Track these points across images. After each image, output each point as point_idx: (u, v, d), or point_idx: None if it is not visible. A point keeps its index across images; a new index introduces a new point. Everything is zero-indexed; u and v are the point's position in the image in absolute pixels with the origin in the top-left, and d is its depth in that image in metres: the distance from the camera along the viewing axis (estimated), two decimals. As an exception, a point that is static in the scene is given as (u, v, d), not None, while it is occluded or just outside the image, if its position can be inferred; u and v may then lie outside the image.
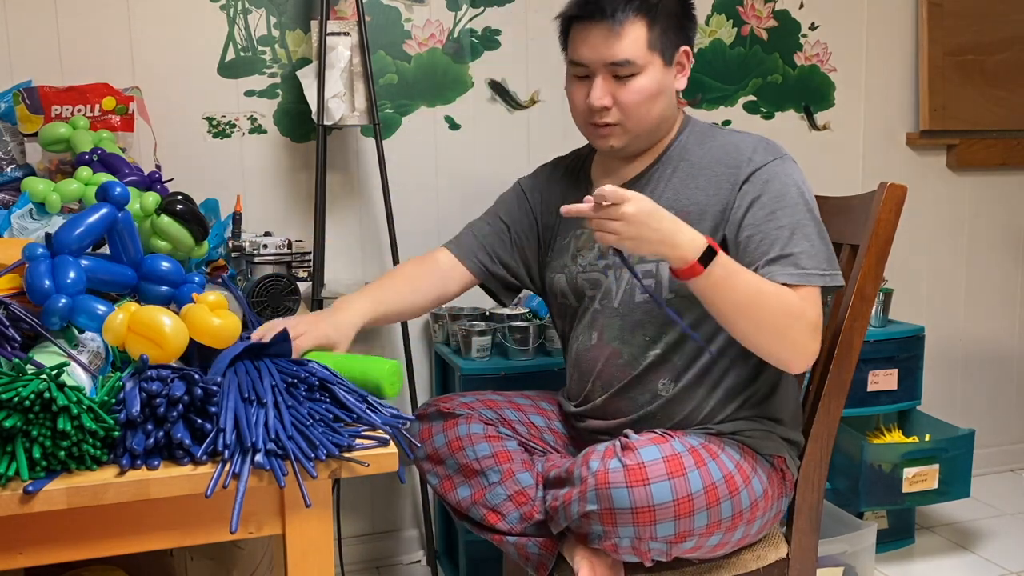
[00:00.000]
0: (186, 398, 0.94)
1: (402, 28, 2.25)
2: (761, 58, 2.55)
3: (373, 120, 2.05)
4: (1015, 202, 2.89)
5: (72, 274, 1.06)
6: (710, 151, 1.48)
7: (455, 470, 1.53)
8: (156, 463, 0.92)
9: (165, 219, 1.37)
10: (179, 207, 1.38)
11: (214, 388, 0.96)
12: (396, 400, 2.33)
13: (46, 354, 0.98)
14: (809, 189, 1.44)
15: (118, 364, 1.05)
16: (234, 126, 2.17)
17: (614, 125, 1.47)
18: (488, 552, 1.99)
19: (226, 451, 0.93)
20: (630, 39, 1.41)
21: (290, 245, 1.61)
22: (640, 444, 1.31)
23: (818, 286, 1.37)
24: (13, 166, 1.78)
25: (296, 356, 1.21)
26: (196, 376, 0.96)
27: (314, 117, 2.04)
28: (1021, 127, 2.82)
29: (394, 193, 2.13)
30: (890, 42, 2.68)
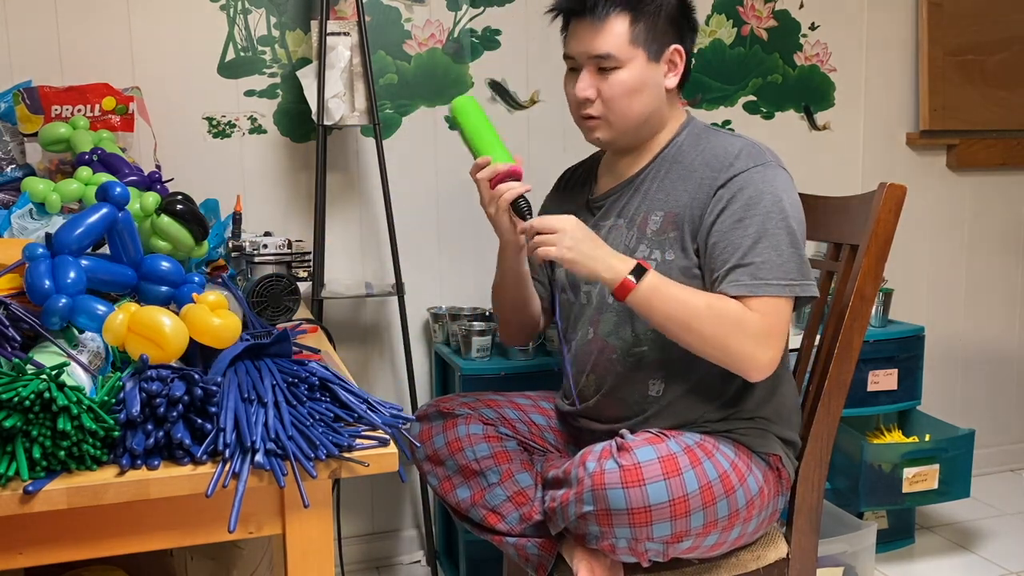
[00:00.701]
0: (186, 398, 0.94)
1: (402, 28, 2.25)
2: (761, 58, 2.55)
3: (373, 120, 2.05)
4: (1015, 202, 2.89)
5: (72, 274, 1.06)
6: (701, 154, 1.48)
7: (455, 471, 1.53)
8: (156, 463, 0.92)
9: (165, 219, 1.37)
10: (179, 207, 1.37)
11: (214, 388, 0.96)
12: (396, 400, 2.33)
13: (46, 354, 0.98)
14: (792, 197, 1.42)
15: (118, 364, 1.05)
16: (234, 126, 2.17)
17: (598, 118, 1.50)
18: (488, 552, 1.99)
19: (226, 451, 0.92)
20: (612, 33, 1.45)
21: (290, 245, 1.61)
22: (636, 445, 1.32)
23: (777, 296, 1.36)
24: (13, 166, 1.78)
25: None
26: (196, 376, 0.96)
27: (314, 117, 2.04)
28: (1021, 127, 2.82)
29: (394, 193, 2.13)
30: (890, 42, 2.68)
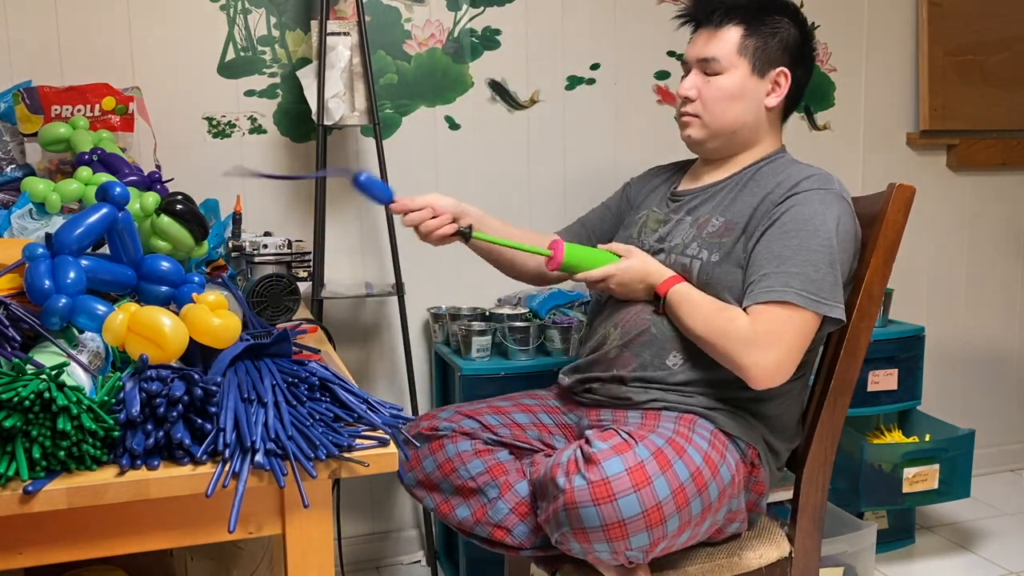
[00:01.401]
0: (186, 398, 0.94)
1: (402, 28, 2.25)
2: (761, 58, 2.55)
3: (373, 120, 2.05)
4: (1015, 202, 2.89)
5: (72, 274, 1.06)
6: (776, 178, 1.53)
7: (451, 492, 1.52)
8: (156, 463, 0.92)
9: (165, 219, 1.37)
10: (179, 207, 1.37)
11: (214, 388, 0.96)
12: (396, 400, 2.33)
13: (46, 354, 0.98)
14: (845, 226, 1.45)
15: (118, 364, 1.05)
16: (234, 126, 2.17)
17: (694, 116, 1.60)
18: (488, 552, 1.99)
19: (226, 451, 0.92)
20: (722, 40, 1.56)
21: (290, 245, 1.61)
22: (603, 456, 1.27)
23: (793, 305, 1.37)
24: (13, 166, 1.78)
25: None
26: (196, 376, 0.96)
27: (314, 117, 2.04)
28: (1021, 127, 2.82)
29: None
30: (890, 42, 2.68)
